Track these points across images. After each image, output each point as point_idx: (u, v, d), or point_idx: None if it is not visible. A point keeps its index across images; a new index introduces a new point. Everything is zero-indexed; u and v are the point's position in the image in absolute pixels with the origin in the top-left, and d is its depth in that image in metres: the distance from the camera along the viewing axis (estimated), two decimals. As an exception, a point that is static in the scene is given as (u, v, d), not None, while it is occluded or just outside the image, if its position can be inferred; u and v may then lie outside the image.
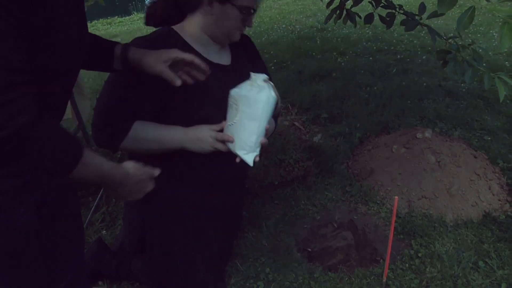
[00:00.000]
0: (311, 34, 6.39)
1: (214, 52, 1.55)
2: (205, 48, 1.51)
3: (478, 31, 6.23)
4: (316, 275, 1.96)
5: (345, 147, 3.00)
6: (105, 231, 2.34)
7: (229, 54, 1.62)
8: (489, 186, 2.43)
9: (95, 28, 9.62)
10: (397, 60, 4.97)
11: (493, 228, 2.22)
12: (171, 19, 1.50)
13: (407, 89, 3.96)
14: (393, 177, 2.52)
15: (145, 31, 7.38)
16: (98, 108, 1.41)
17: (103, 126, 1.42)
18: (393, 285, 1.89)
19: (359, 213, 2.43)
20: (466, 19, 1.48)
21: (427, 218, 2.29)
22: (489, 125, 3.26)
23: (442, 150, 2.54)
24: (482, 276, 1.92)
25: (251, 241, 2.20)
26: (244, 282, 1.96)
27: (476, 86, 4.03)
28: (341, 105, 3.71)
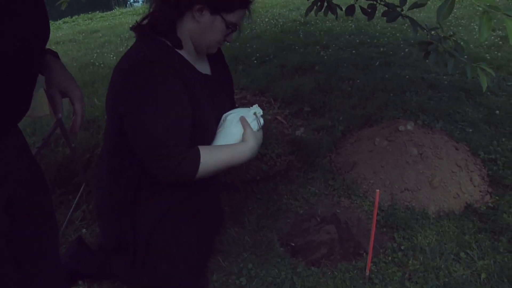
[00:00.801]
0: (294, 27, 6.36)
1: (198, 61, 1.52)
2: (192, 58, 1.47)
3: (459, 24, 6.27)
4: (299, 270, 1.94)
5: (328, 141, 2.98)
6: (85, 229, 2.29)
7: (207, 63, 1.60)
8: (470, 178, 2.44)
9: (76, 23, 9.45)
10: (379, 53, 4.97)
11: (474, 219, 2.22)
12: (161, 26, 1.40)
13: (390, 82, 3.96)
14: (376, 170, 2.50)
15: (127, 27, 7.29)
16: (146, 145, 1.32)
17: (166, 160, 1.32)
18: (376, 278, 1.88)
19: (342, 207, 2.41)
20: (446, 9, 1.45)
21: (409, 211, 2.29)
22: (471, 117, 3.28)
23: (424, 142, 2.54)
24: (463, 267, 1.92)
25: (233, 237, 2.17)
26: (227, 279, 1.93)
27: (457, 79, 4.05)
28: (324, 98, 3.69)
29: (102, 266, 1.90)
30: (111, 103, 1.39)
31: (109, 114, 1.45)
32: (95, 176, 1.72)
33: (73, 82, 1.18)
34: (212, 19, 1.40)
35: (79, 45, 6.26)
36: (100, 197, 1.67)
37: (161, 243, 1.66)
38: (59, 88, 1.14)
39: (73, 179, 2.65)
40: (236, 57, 4.85)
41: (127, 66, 1.32)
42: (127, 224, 1.63)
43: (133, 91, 1.29)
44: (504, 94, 3.67)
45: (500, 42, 5.13)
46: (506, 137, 2.97)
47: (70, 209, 2.41)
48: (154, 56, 1.33)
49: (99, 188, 1.64)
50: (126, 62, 1.34)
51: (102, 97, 3.85)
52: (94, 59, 5.31)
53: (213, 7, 1.38)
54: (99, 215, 1.76)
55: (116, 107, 1.34)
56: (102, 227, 1.82)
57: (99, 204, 1.70)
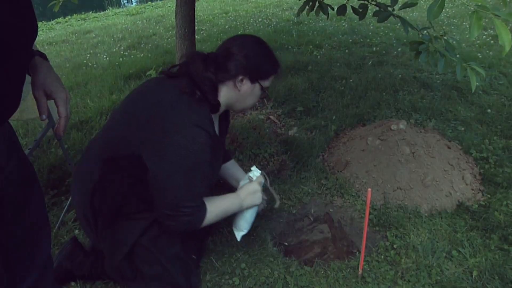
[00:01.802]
0: (287, 27, 6.37)
1: (215, 120, 1.75)
2: (214, 118, 1.70)
3: (451, 23, 6.31)
4: (292, 269, 1.94)
5: (320, 140, 2.99)
6: (77, 230, 2.28)
7: (217, 121, 1.81)
8: (462, 176, 2.45)
9: (69, 24, 9.41)
10: (372, 52, 4.99)
11: (466, 217, 2.23)
12: (205, 89, 1.60)
13: (383, 81, 3.98)
14: (368, 169, 2.51)
15: (120, 27, 7.30)
16: (173, 194, 1.53)
17: (184, 210, 1.55)
18: (368, 277, 1.89)
19: (335, 206, 2.42)
20: (436, 8, 1.47)
21: (402, 210, 2.30)
22: (463, 115, 3.30)
23: (417, 141, 2.55)
24: (455, 265, 1.93)
25: (226, 237, 2.17)
26: (220, 279, 1.93)
27: (450, 78, 4.08)
28: (316, 98, 3.70)
29: (95, 267, 1.90)
30: (140, 138, 1.52)
31: (130, 141, 1.55)
32: (78, 180, 1.72)
33: (59, 84, 1.17)
34: (252, 87, 1.67)
35: (72, 46, 6.24)
36: (82, 203, 1.68)
37: (147, 248, 1.71)
38: (44, 90, 1.14)
39: (65, 180, 2.64)
40: (230, 57, 4.84)
41: (174, 124, 1.48)
42: (106, 232, 1.67)
43: (174, 149, 1.47)
44: (495, 93, 3.70)
45: (492, 41, 5.17)
46: (497, 135, 2.99)
47: (63, 210, 2.40)
48: (200, 121, 1.51)
49: (83, 194, 1.67)
50: (175, 118, 1.50)
51: (95, 97, 3.84)
52: (87, 59, 5.30)
53: (253, 77, 1.65)
54: (81, 220, 1.76)
55: (148, 150, 1.50)
56: (85, 231, 1.85)
57: (81, 210, 1.71)
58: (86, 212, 1.67)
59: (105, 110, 3.54)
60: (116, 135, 1.62)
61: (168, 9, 9.82)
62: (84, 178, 1.68)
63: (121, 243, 1.67)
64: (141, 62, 4.83)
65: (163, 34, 6.56)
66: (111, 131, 1.67)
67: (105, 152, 1.62)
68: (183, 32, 3.02)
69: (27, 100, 2.39)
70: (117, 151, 1.58)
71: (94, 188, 1.62)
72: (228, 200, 1.77)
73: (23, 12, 0.94)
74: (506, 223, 2.15)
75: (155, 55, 5.20)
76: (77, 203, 1.73)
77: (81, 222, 1.77)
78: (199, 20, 7.50)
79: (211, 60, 1.65)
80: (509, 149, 2.79)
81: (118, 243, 1.68)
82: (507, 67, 4.27)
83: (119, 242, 1.67)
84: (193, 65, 1.63)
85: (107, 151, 1.61)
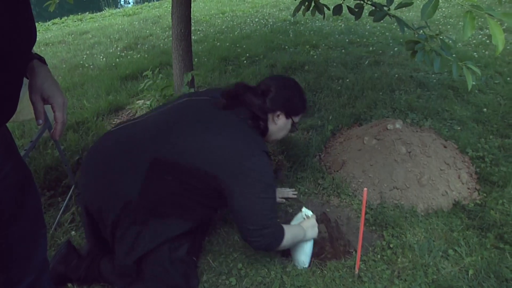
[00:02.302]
0: (284, 27, 6.38)
1: None
2: None
3: (448, 22, 6.32)
4: (288, 269, 1.94)
5: (317, 140, 2.99)
6: (74, 232, 2.27)
7: None
8: (458, 175, 2.46)
9: (65, 25, 9.39)
10: (369, 52, 5.00)
11: (462, 216, 2.24)
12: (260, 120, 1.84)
13: (379, 81, 3.99)
14: (365, 168, 2.52)
15: (117, 28, 7.30)
16: (256, 216, 1.70)
17: (266, 229, 1.73)
18: (365, 276, 1.89)
19: (332, 206, 2.42)
20: (430, 8, 1.47)
21: (398, 209, 2.30)
22: (459, 114, 3.31)
23: (413, 140, 2.56)
24: (452, 264, 1.93)
25: (222, 237, 2.17)
26: (217, 279, 1.93)
27: (446, 77, 4.09)
28: (313, 97, 3.70)
29: (91, 270, 1.89)
30: (213, 160, 1.67)
31: (192, 155, 1.68)
32: (108, 181, 1.72)
33: (56, 89, 1.16)
34: (286, 122, 1.95)
35: (69, 47, 6.22)
36: (104, 196, 1.70)
37: (157, 251, 1.74)
38: (41, 95, 1.13)
39: (62, 182, 2.64)
40: (226, 58, 4.85)
41: (249, 149, 1.69)
42: (131, 228, 1.70)
43: (255, 172, 1.66)
44: (491, 92, 3.71)
45: (488, 41, 5.18)
46: (493, 134, 3.00)
47: (59, 211, 2.39)
48: (265, 147, 1.76)
49: (113, 192, 1.69)
50: (248, 144, 1.71)
51: (92, 98, 3.83)
52: (83, 60, 5.29)
53: (288, 113, 1.93)
54: (91, 213, 1.76)
55: (228, 173, 1.66)
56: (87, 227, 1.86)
57: (98, 203, 1.72)
58: (108, 205, 1.69)
59: (102, 111, 3.54)
60: (171, 144, 1.70)
61: (165, 9, 9.81)
62: (116, 170, 1.71)
63: (145, 242, 1.71)
64: (137, 63, 4.83)
65: (160, 35, 6.56)
66: (159, 136, 1.72)
67: (152, 153, 1.68)
68: (179, 32, 3.02)
69: (23, 101, 2.38)
70: (172, 158, 1.68)
71: (134, 183, 1.66)
72: (296, 229, 1.92)
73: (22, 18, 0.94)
74: (502, 222, 2.16)
75: (151, 56, 5.20)
76: (92, 195, 1.74)
77: (89, 216, 1.79)
78: (196, 21, 7.50)
79: (258, 94, 1.87)
80: (505, 148, 2.80)
81: (142, 241, 1.71)
82: (503, 66, 4.28)
83: (144, 240, 1.71)
84: (247, 96, 1.84)
85: (156, 153, 1.68)
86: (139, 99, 3.74)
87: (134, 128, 1.80)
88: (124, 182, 1.67)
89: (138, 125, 1.81)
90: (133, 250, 1.71)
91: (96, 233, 1.85)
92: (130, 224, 1.68)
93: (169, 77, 4.03)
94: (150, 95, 3.20)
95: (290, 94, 1.94)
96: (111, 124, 3.39)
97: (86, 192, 1.77)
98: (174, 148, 1.68)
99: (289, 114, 1.94)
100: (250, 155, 1.68)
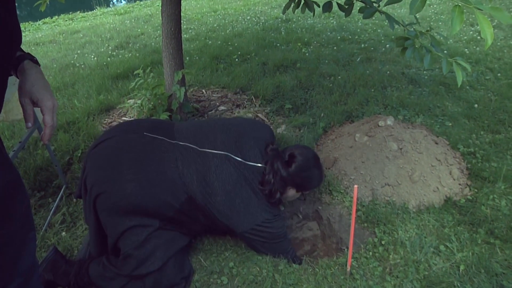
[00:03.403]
0: (275, 25, 6.37)
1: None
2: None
3: (439, 19, 6.34)
4: (280, 268, 1.94)
5: (309, 138, 2.99)
6: (64, 232, 2.25)
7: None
8: (449, 171, 2.46)
9: (56, 24, 9.32)
10: (361, 49, 5.00)
11: (453, 212, 2.24)
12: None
13: (371, 78, 3.99)
14: (356, 165, 2.52)
15: (108, 27, 7.25)
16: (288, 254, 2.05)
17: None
18: (357, 273, 1.89)
19: (324, 203, 2.42)
20: (418, 3, 1.46)
21: (390, 206, 2.30)
22: (450, 111, 3.31)
23: (404, 137, 2.56)
24: (443, 260, 1.94)
25: (214, 236, 2.16)
26: (208, 278, 1.92)
27: (437, 73, 4.10)
28: (305, 95, 3.70)
29: (80, 278, 1.87)
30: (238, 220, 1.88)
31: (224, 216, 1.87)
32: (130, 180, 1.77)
33: (46, 92, 1.14)
34: (294, 193, 2.10)
35: (60, 46, 6.17)
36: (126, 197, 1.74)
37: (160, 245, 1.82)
38: (30, 97, 1.11)
39: (53, 182, 2.62)
40: (217, 56, 4.83)
41: (258, 223, 1.88)
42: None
43: (271, 235, 1.93)
44: (482, 88, 3.72)
45: (479, 37, 5.20)
46: (484, 130, 3.01)
47: (50, 212, 2.37)
48: (280, 212, 2.05)
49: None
50: (258, 216, 1.89)
51: (83, 98, 3.80)
52: (74, 60, 5.25)
53: (299, 189, 2.08)
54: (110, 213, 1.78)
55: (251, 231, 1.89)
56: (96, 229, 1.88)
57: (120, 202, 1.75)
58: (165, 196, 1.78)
59: (93, 110, 3.51)
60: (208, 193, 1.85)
61: (156, 8, 9.75)
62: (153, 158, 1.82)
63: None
64: (129, 62, 4.80)
65: (151, 33, 6.52)
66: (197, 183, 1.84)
67: (189, 192, 1.83)
68: (169, 30, 3.00)
69: (12, 101, 2.36)
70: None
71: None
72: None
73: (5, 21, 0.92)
74: (493, 217, 2.16)
75: (143, 55, 5.17)
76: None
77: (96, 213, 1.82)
78: (188, 19, 7.47)
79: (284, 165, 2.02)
80: (495, 143, 2.81)
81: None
82: (493, 62, 4.30)
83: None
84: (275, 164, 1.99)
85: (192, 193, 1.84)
86: (130, 98, 3.72)
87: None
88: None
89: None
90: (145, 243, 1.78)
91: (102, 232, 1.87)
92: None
93: (161, 76, 4.01)
94: (141, 94, 3.18)
95: (308, 177, 2.07)
96: (102, 124, 3.37)
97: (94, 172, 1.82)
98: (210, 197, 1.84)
99: (300, 190, 2.10)
100: (267, 224, 1.92)
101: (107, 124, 3.36)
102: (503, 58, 4.42)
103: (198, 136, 1.95)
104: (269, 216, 1.91)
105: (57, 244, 2.16)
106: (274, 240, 1.96)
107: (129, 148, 1.82)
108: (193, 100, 3.66)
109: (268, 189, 1.92)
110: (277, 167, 1.96)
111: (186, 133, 1.97)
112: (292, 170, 1.99)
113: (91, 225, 1.86)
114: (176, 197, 1.78)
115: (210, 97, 3.72)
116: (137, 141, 1.86)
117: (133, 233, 1.75)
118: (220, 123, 2.05)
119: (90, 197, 1.77)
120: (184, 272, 1.86)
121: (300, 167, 2.00)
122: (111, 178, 1.74)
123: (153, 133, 1.92)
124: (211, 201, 1.82)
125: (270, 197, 1.94)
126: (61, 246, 2.14)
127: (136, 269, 1.76)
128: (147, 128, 1.95)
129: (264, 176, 1.93)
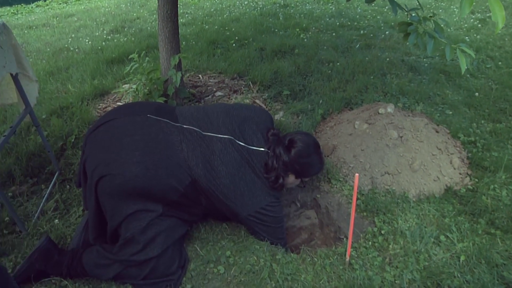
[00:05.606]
0: (273, 10, 6.27)
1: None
2: None
3: (439, 6, 6.26)
4: (278, 257, 1.90)
5: (307, 124, 2.93)
6: (57, 220, 2.21)
7: None
8: (450, 160, 2.42)
9: (50, 7, 9.15)
10: (360, 35, 4.92)
11: (454, 201, 2.21)
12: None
13: (370, 65, 3.93)
14: (356, 153, 2.47)
15: (103, 11, 7.12)
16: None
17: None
18: (356, 264, 1.86)
19: (322, 191, 2.38)
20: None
21: (390, 195, 2.26)
22: (450, 99, 3.27)
23: (404, 125, 2.51)
24: (443, 250, 1.91)
25: (210, 224, 2.12)
26: (204, 267, 1.88)
27: (438, 61, 4.04)
28: (303, 81, 3.64)
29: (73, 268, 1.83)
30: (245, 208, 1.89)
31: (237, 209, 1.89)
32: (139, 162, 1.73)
33: None
34: (294, 180, 2.07)
35: (53, 30, 6.05)
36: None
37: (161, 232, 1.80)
38: None
39: (45, 168, 2.56)
40: (215, 41, 4.75)
41: (263, 206, 1.90)
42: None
43: (274, 220, 1.96)
44: (483, 77, 3.67)
45: (480, 25, 5.14)
46: (485, 119, 2.97)
47: (43, 199, 2.32)
48: (280, 196, 2.09)
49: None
50: (262, 199, 1.90)
51: (76, 82, 3.73)
52: (68, 44, 5.14)
53: (298, 175, 2.05)
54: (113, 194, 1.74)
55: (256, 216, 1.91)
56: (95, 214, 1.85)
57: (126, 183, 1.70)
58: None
59: (87, 95, 3.44)
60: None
61: (152, -8, 9.59)
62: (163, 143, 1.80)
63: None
64: (124, 46, 4.70)
65: (147, 18, 6.41)
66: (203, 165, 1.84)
67: (193, 175, 1.82)
68: (166, 14, 2.92)
69: (2, 84, 2.29)
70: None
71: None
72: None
73: None
74: (493, 207, 2.13)
75: (138, 39, 5.07)
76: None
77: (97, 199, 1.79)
78: (184, 3, 7.34)
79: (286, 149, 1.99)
80: (496, 132, 2.77)
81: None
82: (494, 50, 4.24)
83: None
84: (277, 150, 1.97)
85: (196, 176, 1.83)
86: (125, 83, 3.64)
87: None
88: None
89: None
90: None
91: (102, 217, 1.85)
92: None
93: (156, 61, 3.93)
94: (136, 78, 3.11)
95: (308, 163, 2.04)
96: (96, 109, 3.30)
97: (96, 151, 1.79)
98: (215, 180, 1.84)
99: (299, 176, 2.07)
100: (268, 209, 1.93)
101: (101, 109, 3.29)
102: (504, 46, 4.36)
103: (201, 120, 1.93)
104: (272, 199, 1.92)
105: (49, 232, 2.11)
106: (277, 224, 1.97)
107: (134, 130, 1.78)
108: (189, 85, 3.59)
109: (274, 175, 1.91)
110: (279, 152, 1.93)
111: (189, 116, 1.95)
112: (291, 156, 1.96)
113: (90, 210, 1.82)
114: (180, 180, 1.76)
115: (206, 83, 3.66)
116: (141, 123, 1.82)
117: (136, 218, 1.72)
118: (222, 108, 2.03)
119: (92, 180, 1.72)
120: (180, 260, 1.83)
121: (300, 153, 1.97)
122: (116, 160, 1.69)
123: (156, 115, 1.88)
124: (216, 183, 1.81)
125: (275, 182, 1.92)
126: (54, 234, 2.09)
127: (136, 254, 1.73)
128: (150, 110, 1.91)
129: (267, 161, 1.91)
